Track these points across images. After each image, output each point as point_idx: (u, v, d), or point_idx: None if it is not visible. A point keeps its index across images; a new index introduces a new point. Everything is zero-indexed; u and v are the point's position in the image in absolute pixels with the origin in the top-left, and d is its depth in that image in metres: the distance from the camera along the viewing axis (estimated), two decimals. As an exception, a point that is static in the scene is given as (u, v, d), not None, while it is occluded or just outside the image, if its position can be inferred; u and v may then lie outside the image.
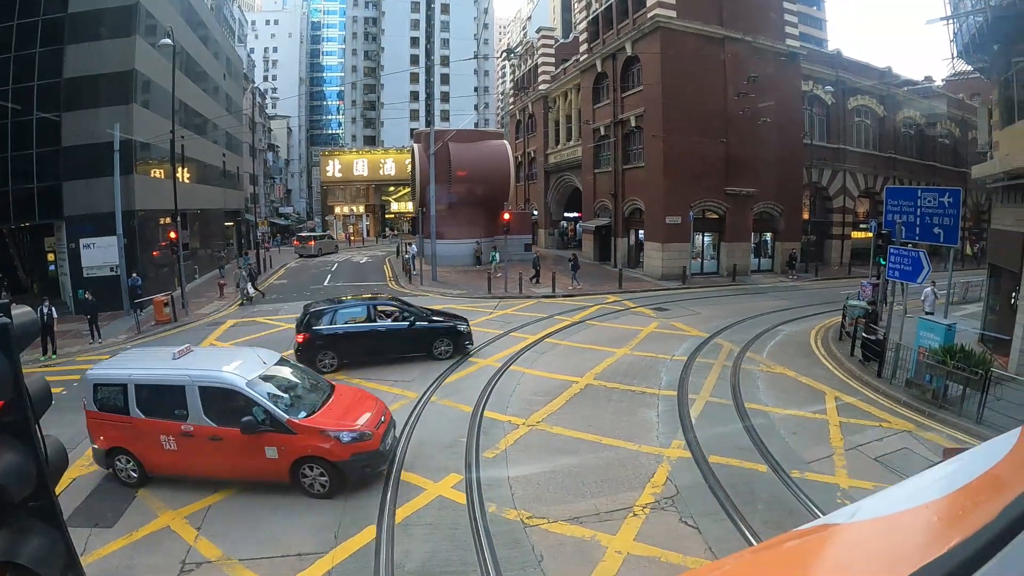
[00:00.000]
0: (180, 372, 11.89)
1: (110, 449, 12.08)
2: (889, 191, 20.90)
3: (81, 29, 31.49)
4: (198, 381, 11.63)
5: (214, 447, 11.38)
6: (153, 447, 11.77)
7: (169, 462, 11.87)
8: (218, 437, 11.34)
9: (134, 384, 11.90)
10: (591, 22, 50.04)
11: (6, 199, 30.86)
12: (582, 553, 9.26)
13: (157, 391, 11.96)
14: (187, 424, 11.51)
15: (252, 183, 72.84)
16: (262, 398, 11.45)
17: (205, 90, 47.64)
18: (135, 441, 11.88)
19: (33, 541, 3.05)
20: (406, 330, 20.46)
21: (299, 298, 33.81)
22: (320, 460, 11.21)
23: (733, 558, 1.63)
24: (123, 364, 12.94)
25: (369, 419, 11.99)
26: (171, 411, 11.70)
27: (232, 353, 14.69)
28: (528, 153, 69.22)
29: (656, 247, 41.24)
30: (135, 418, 11.79)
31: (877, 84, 51.10)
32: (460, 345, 21.05)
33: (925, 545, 1.21)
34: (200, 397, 11.51)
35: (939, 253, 26.69)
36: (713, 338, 23.28)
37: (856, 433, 13.86)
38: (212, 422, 11.42)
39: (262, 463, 11.30)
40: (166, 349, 13.42)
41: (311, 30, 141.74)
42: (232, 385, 11.54)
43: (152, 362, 12.88)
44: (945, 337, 15.88)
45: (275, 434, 11.17)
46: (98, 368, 12.69)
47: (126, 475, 12.08)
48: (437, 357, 20.38)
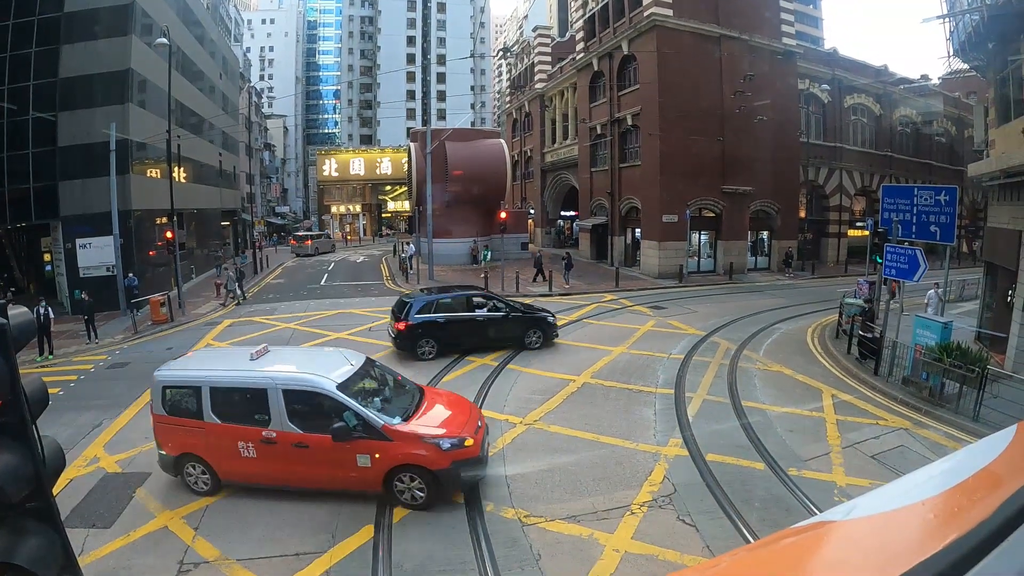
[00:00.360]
0: (261, 374, 11.18)
1: (180, 456, 11.41)
2: (885, 189, 20.88)
3: (77, 28, 31.45)
4: (282, 384, 10.91)
5: (299, 455, 10.70)
6: (229, 454, 11.09)
7: (246, 470, 11.17)
8: (304, 444, 10.65)
9: (209, 387, 11.19)
10: (587, 21, 50.00)
11: (2, 199, 30.84)
12: (580, 551, 9.26)
13: (235, 394, 11.33)
14: (269, 430, 10.80)
15: (248, 182, 72.80)
16: (354, 402, 10.71)
17: (201, 89, 47.61)
18: (209, 448, 11.17)
19: (30, 542, 3.05)
20: (502, 319, 21.48)
21: (296, 297, 33.79)
22: (418, 469, 10.49)
23: (730, 555, 1.64)
24: (195, 365, 12.22)
25: (467, 424, 11.30)
26: (251, 416, 11.02)
27: (314, 354, 14.08)
28: (525, 152, 69.22)
29: (653, 245, 41.25)
30: (210, 423, 11.08)
31: (873, 82, 51.20)
32: (549, 336, 22.05)
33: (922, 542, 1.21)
34: (284, 401, 10.79)
35: (936, 251, 26.70)
36: (710, 336, 23.30)
37: (853, 431, 13.87)
38: (297, 428, 10.71)
39: (352, 472, 10.65)
40: (241, 349, 12.89)
41: (307, 29, 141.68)
42: (321, 388, 10.81)
43: (228, 363, 12.25)
44: (942, 335, 15.90)
45: (369, 441, 10.50)
46: (168, 369, 11.98)
47: (197, 483, 11.40)
48: (528, 346, 21.46)
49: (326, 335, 24.32)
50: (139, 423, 15.16)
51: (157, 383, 11.56)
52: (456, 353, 20.76)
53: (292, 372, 11.30)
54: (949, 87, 57.99)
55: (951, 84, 57.67)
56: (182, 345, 23.61)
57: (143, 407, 16.36)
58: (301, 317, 28.37)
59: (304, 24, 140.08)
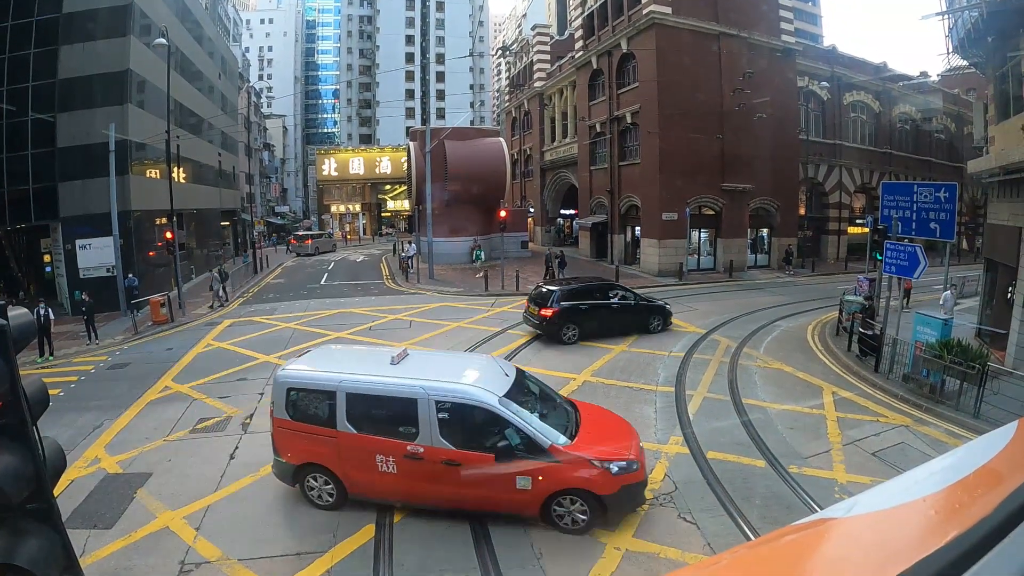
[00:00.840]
0: (412, 383, 10.14)
1: (302, 465, 10.63)
2: (885, 186, 20.90)
3: (76, 29, 31.45)
4: (436, 395, 9.91)
5: (447, 474, 9.73)
6: (364, 468, 10.19)
7: (382, 487, 10.26)
8: (455, 462, 9.69)
9: (346, 392, 10.26)
10: (586, 19, 49.98)
11: (1, 201, 30.84)
12: (581, 550, 9.26)
13: (377, 403, 10.38)
14: (415, 444, 9.86)
15: (248, 182, 72.75)
16: (518, 418, 9.78)
17: (200, 90, 47.59)
18: (340, 459, 10.32)
19: (31, 543, 3.05)
20: (632, 307, 23.48)
21: (296, 297, 33.74)
22: (583, 493, 9.54)
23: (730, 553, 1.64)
24: (325, 366, 11.22)
25: (631, 444, 10.35)
26: (395, 428, 10.14)
27: (463, 360, 13.18)
28: (524, 150, 69.19)
29: (653, 243, 41.25)
30: (344, 432, 10.23)
31: (873, 80, 51.23)
32: (667, 322, 24.04)
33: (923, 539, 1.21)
34: (436, 414, 9.84)
35: (936, 248, 26.70)
36: (710, 334, 23.31)
37: (853, 428, 13.88)
38: (448, 444, 9.74)
39: (509, 495, 9.69)
40: (373, 351, 12.51)
41: (306, 29, 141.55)
42: (481, 402, 9.85)
43: (365, 367, 11.03)
44: (942, 332, 15.92)
45: (532, 461, 9.54)
46: (294, 369, 11.04)
47: (320, 496, 10.67)
48: (651, 331, 23.34)
49: (327, 335, 24.32)
50: (140, 424, 15.20)
51: (280, 384, 10.78)
52: (593, 337, 22.32)
53: (448, 382, 10.24)
54: (948, 84, 58.04)
55: (950, 81, 57.73)
56: (182, 346, 23.65)
57: (144, 408, 16.41)
58: (301, 317, 28.37)
59: (303, 24, 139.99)
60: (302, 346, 22.44)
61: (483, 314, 27.89)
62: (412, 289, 36.05)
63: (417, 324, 26.04)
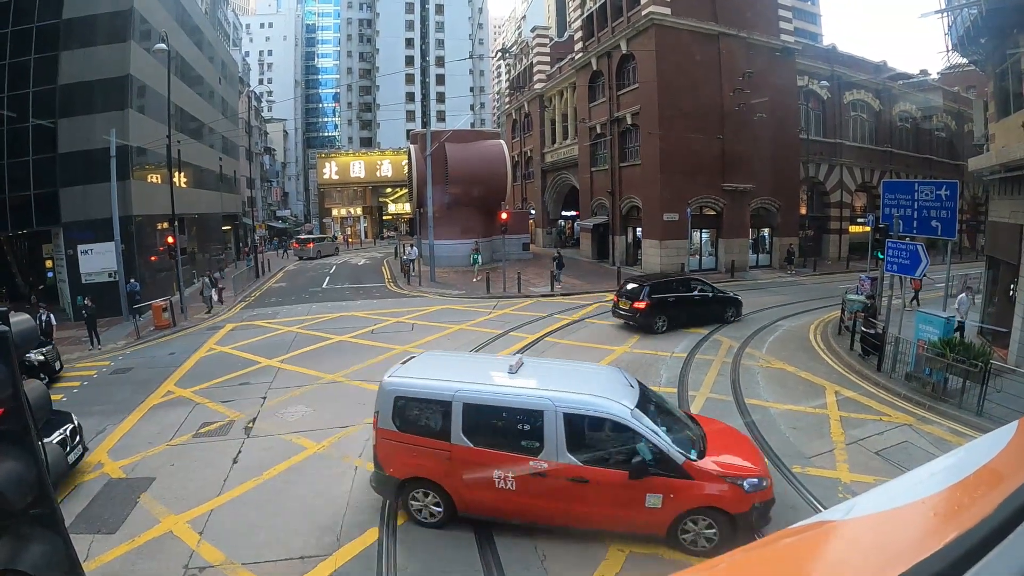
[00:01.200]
0: (538, 393, 9.53)
1: (408, 480, 10.00)
2: (886, 185, 20.90)
3: (76, 35, 31.47)
4: (565, 407, 9.23)
5: (573, 491, 9.11)
6: (479, 484, 9.55)
7: (498, 504, 9.58)
8: (582, 479, 9.06)
9: (463, 402, 9.64)
10: (585, 20, 50.00)
11: (3, 207, 30.87)
12: (585, 551, 9.25)
13: (498, 415, 9.79)
14: (539, 460, 9.20)
15: (249, 186, 72.79)
16: (652, 432, 9.15)
17: (200, 94, 47.63)
18: (452, 474, 9.68)
19: (35, 548, 3.05)
20: (711, 299, 25.60)
21: (298, 301, 33.71)
22: (714, 511, 9.04)
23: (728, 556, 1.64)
24: (437, 374, 10.47)
25: (759, 459, 10.00)
26: (516, 442, 9.50)
27: (585, 369, 12.22)
28: (525, 152, 69.17)
29: (654, 244, 41.25)
30: (459, 446, 9.60)
31: (872, 78, 51.22)
32: (739, 313, 25.99)
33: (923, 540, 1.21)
34: (565, 427, 9.17)
35: (937, 246, 26.67)
36: (713, 335, 23.30)
37: (856, 427, 13.86)
38: (576, 460, 9.09)
39: (637, 514, 9.10)
40: (483, 358, 12.15)
41: (305, 33, 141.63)
42: (614, 415, 9.22)
43: (481, 375, 10.52)
44: (944, 330, 15.90)
45: (664, 478, 8.97)
46: (403, 377, 10.36)
47: (424, 512, 10.03)
48: (727, 321, 25.33)
49: (329, 338, 24.33)
50: (143, 428, 15.20)
51: (387, 392, 10.10)
52: (679, 326, 24.28)
53: (577, 393, 9.55)
54: (948, 82, 57.96)
55: (950, 79, 57.63)
56: (185, 350, 23.66)
57: (146, 412, 16.42)
58: (303, 320, 28.37)
59: (302, 28, 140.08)
60: (305, 349, 22.47)
61: (485, 316, 27.89)
62: (414, 292, 36.06)
63: (420, 327, 26.05)
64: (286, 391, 17.64)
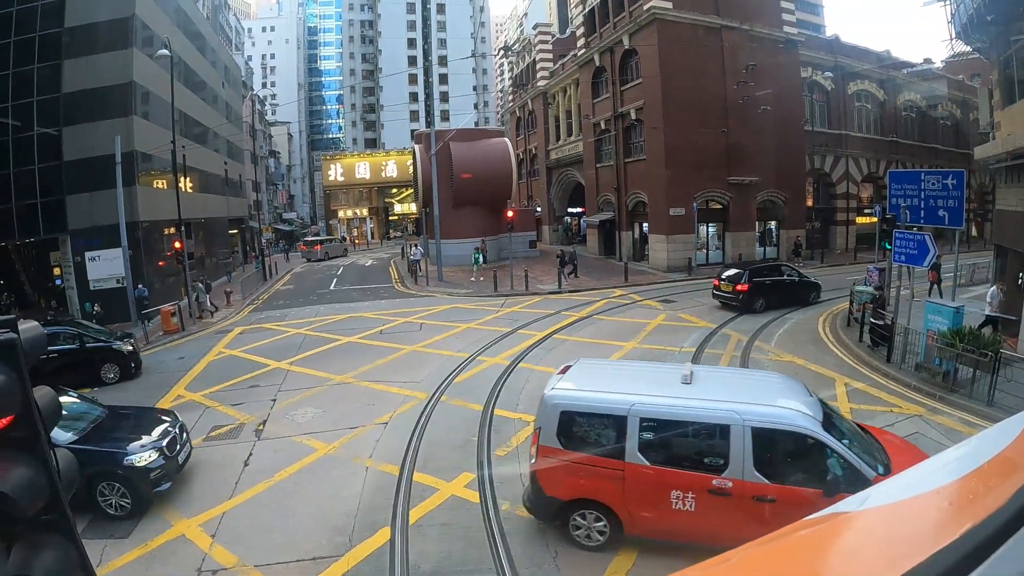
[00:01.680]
0: (723, 406, 8.84)
1: (572, 501, 9.33)
2: (892, 175, 20.81)
3: (78, 43, 31.53)
4: (752, 420, 8.58)
5: (757, 511, 8.50)
6: (654, 505, 8.95)
7: (673, 525, 8.96)
8: (768, 498, 8.45)
9: (639, 418, 8.95)
10: (587, 16, 49.93)
11: (10, 215, 30.96)
12: (596, 549, 9.26)
13: (678, 430, 9.07)
14: (723, 478, 8.60)
15: (255, 190, 73.05)
16: (842, 446, 8.51)
17: (204, 99, 47.69)
18: (625, 495, 9.00)
19: (47, 555, 3.05)
20: (798, 283, 28.32)
21: (305, 303, 33.76)
22: None
23: (742, 549, 1.63)
24: (604, 386, 9.80)
25: None
26: (698, 459, 8.95)
27: (760, 379, 11.53)
28: (529, 150, 69.13)
29: (661, 239, 41.19)
30: (634, 465, 8.90)
31: (876, 68, 50.92)
32: (819, 296, 28.39)
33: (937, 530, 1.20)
34: (752, 442, 8.54)
35: (944, 235, 26.55)
36: (721, 328, 23.28)
37: (867, 419, 13.74)
38: (763, 477, 8.48)
39: None
40: (647, 366, 11.57)
41: (308, 35, 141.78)
42: (805, 428, 8.56)
43: (654, 387, 9.72)
44: (953, 320, 15.84)
45: None
46: (568, 390, 9.63)
47: (588, 536, 9.36)
48: (809, 303, 27.80)
49: (338, 339, 24.38)
50: (153, 433, 15.24)
51: (551, 407, 9.35)
52: (774, 307, 26.37)
53: (764, 405, 8.95)
54: (953, 70, 57.62)
55: (954, 67, 57.31)
56: (194, 354, 23.73)
57: (157, 417, 16.46)
58: (312, 322, 28.43)
59: (304, 30, 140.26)
60: (314, 351, 22.50)
61: (493, 315, 27.89)
62: (421, 292, 36.11)
63: (428, 327, 26.08)
64: (296, 393, 17.67)
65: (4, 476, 2.90)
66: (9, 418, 2.98)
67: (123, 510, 10.94)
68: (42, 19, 31.02)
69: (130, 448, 11.32)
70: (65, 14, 31.20)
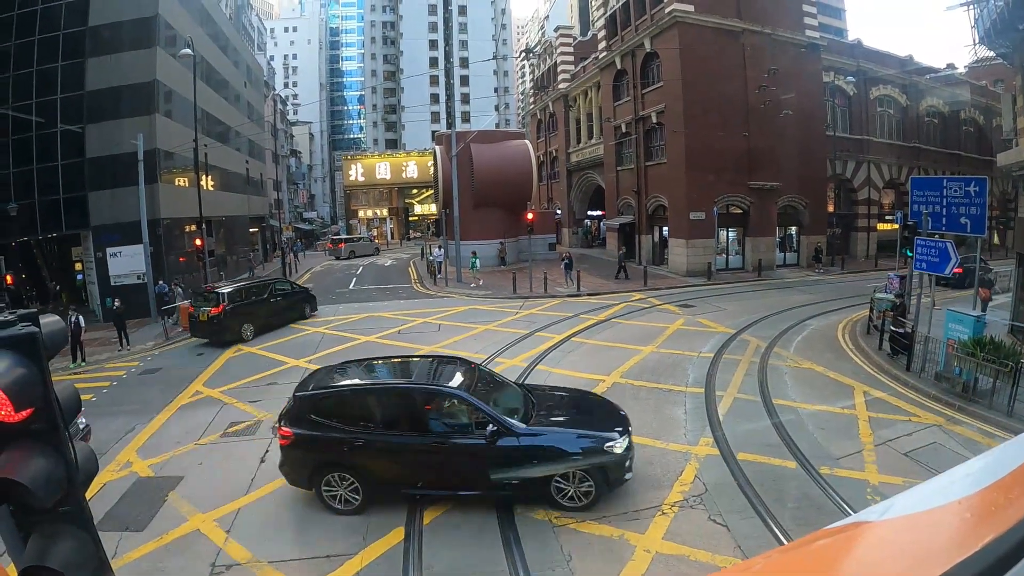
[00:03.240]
0: None
1: None
2: (914, 181, 20.64)
3: (102, 42, 31.96)
4: None
5: None
6: None
7: None
8: None
9: None
10: (608, 19, 49.90)
11: (33, 210, 31.34)
12: (611, 552, 9.20)
13: None
14: None
15: (276, 189, 73.47)
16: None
17: (226, 98, 48.06)
18: None
19: (64, 545, 3.09)
20: None
21: (324, 302, 33.80)
22: None
23: (763, 557, 1.62)
24: None
25: None
26: None
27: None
28: (550, 152, 69.19)
29: (681, 243, 41.07)
30: None
31: (899, 73, 50.54)
32: None
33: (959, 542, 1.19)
34: None
35: (966, 243, 26.32)
36: (740, 334, 23.14)
37: (885, 428, 13.70)
38: None
39: None
40: None
41: (330, 36, 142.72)
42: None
43: None
44: (974, 329, 15.68)
45: None
46: None
47: None
48: None
49: (356, 339, 24.44)
50: (171, 428, 15.38)
51: None
52: None
53: None
54: (976, 75, 57.12)
55: (978, 72, 56.75)
56: (213, 351, 23.87)
57: (175, 412, 16.61)
58: (330, 321, 28.51)
59: (327, 31, 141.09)
60: (332, 350, 22.59)
61: (512, 316, 27.89)
62: (440, 292, 36.17)
63: (446, 327, 26.11)
64: (313, 392, 17.71)
65: (23, 467, 2.94)
66: (29, 410, 3.01)
67: None
68: (66, 18, 31.43)
69: None
70: (89, 13, 31.60)
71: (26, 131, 31.00)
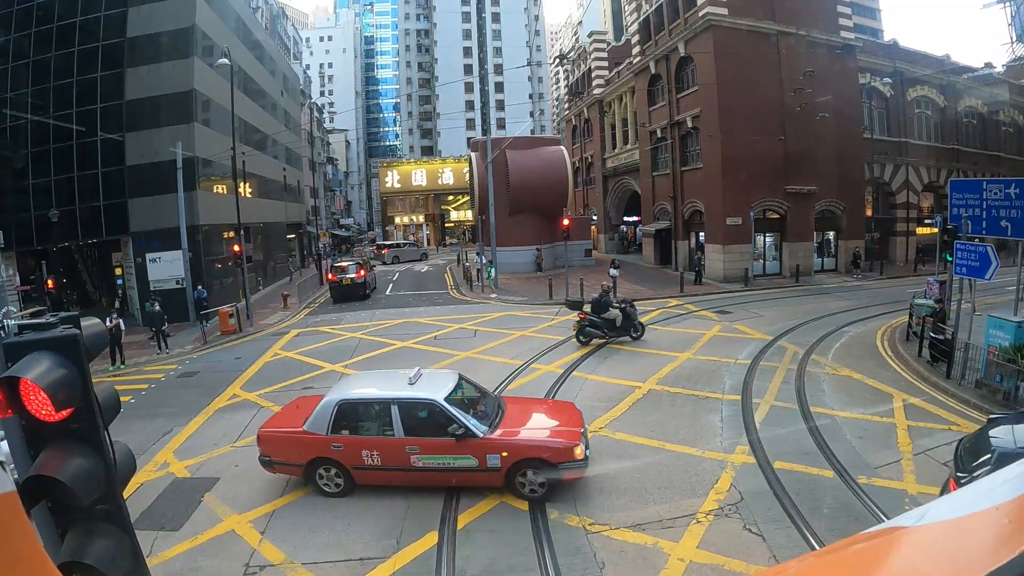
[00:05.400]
0: None
1: None
2: (953, 184, 20.32)
3: (140, 53, 32.74)
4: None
5: None
6: None
7: None
8: None
9: None
10: (642, 24, 49.73)
11: (74, 217, 32.08)
12: (644, 560, 9.15)
13: None
14: None
15: (313, 196, 74.19)
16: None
17: (263, 107, 48.67)
18: None
19: (100, 542, 3.14)
20: None
21: (360, 307, 34.06)
22: None
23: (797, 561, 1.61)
24: None
25: None
26: None
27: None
28: (585, 158, 69.13)
29: (717, 249, 40.76)
30: None
31: (936, 73, 49.67)
32: None
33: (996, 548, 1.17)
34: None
35: (1007, 247, 25.80)
36: (777, 341, 22.87)
37: (924, 437, 13.47)
38: None
39: None
40: None
41: (364, 44, 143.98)
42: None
43: None
44: (1016, 335, 15.36)
45: None
46: None
47: None
48: None
49: (393, 344, 24.59)
50: (208, 430, 15.58)
51: None
52: None
53: None
54: (1014, 74, 55.70)
55: (1016, 71, 55.34)
56: (250, 355, 24.17)
57: (212, 415, 16.82)
58: (367, 326, 28.71)
59: (361, 40, 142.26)
60: (368, 355, 22.72)
61: (547, 323, 27.83)
62: (476, 299, 36.22)
63: (482, 333, 26.16)
64: (348, 396, 17.83)
65: (62, 466, 3.00)
66: (70, 410, 3.07)
67: None
68: (105, 29, 32.17)
69: None
70: (127, 25, 32.26)
71: (67, 140, 31.68)
